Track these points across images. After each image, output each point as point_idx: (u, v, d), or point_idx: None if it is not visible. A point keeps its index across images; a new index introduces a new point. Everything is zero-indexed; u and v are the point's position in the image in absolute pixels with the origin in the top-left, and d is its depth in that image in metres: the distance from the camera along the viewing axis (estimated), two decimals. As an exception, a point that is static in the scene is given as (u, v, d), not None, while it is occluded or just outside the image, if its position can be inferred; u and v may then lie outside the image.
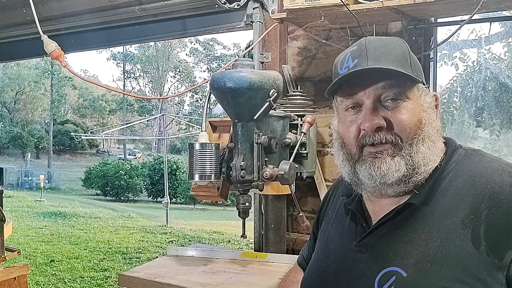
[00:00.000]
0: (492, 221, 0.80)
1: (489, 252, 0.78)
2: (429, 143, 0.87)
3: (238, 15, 2.30)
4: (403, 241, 0.85)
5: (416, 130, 0.87)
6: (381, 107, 0.88)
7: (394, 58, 0.88)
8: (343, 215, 1.04)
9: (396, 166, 0.86)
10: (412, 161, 0.86)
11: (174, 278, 1.60)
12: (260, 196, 2.16)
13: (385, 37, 0.97)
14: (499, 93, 4.93)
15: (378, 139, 0.87)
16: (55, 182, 26.09)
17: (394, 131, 0.87)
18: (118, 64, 38.29)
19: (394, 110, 0.87)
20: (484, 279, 0.77)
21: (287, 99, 1.92)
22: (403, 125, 0.86)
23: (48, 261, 7.05)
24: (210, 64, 36.94)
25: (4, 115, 33.41)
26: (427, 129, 0.88)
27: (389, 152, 0.87)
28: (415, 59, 0.93)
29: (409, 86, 0.88)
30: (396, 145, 0.86)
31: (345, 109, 0.93)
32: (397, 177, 0.86)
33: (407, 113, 0.87)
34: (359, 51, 0.90)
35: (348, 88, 0.91)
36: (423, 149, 0.86)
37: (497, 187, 0.82)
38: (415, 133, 0.87)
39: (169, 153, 21.47)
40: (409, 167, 0.86)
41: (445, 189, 0.87)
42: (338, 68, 0.93)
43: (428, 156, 0.87)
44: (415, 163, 0.86)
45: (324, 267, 1.00)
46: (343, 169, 0.96)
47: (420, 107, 0.89)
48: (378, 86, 0.87)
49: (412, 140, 0.86)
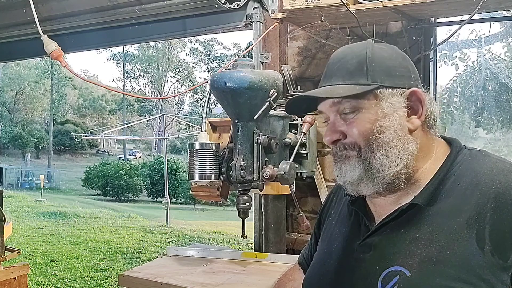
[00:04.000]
0: (497, 221, 0.80)
1: (494, 253, 0.78)
2: (386, 149, 0.89)
3: (238, 15, 2.30)
4: (407, 241, 0.85)
5: (370, 138, 0.90)
6: (341, 121, 0.93)
7: (346, 71, 0.91)
8: (347, 215, 1.04)
9: (352, 167, 0.91)
10: (369, 164, 0.89)
11: (174, 278, 1.60)
12: (260, 196, 2.16)
13: (351, 44, 1.01)
14: (499, 93, 4.93)
15: (339, 148, 0.94)
16: (55, 182, 26.08)
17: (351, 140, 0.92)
18: (118, 64, 38.30)
19: (350, 123, 0.92)
20: (489, 280, 0.77)
21: (287, 99, 1.91)
22: (355, 136, 0.91)
23: (48, 261, 7.05)
24: (210, 64, 36.93)
25: (4, 115, 33.39)
26: (385, 135, 0.89)
27: (347, 155, 0.93)
28: (380, 62, 0.90)
29: (362, 96, 0.89)
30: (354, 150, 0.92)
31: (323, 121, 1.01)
32: (354, 177, 0.91)
33: (360, 123, 0.90)
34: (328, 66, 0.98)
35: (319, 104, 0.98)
36: (379, 156, 0.89)
37: (503, 187, 0.82)
38: (369, 141, 0.90)
39: (169, 153, 21.45)
40: (366, 169, 0.90)
41: (449, 189, 0.87)
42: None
43: (385, 162, 0.88)
44: (373, 167, 0.89)
45: (326, 267, 1.00)
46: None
47: (376, 115, 0.89)
48: (335, 102, 0.92)
49: (369, 147, 0.90)
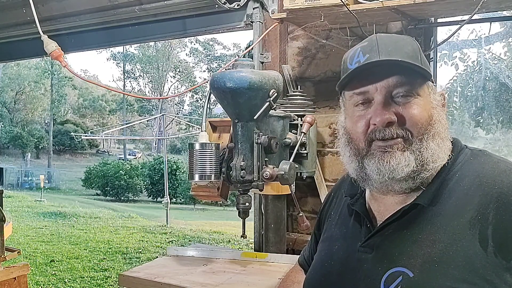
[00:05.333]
0: (500, 222, 0.79)
1: (497, 253, 0.78)
2: (438, 140, 0.87)
3: (238, 15, 2.30)
4: (410, 241, 0.85)
5: (427, 126, 0.86)
6: (392, 103, 0.87)
7: (405, 54, 0.87)
8: (347, 216, 1.03)
9: (406, 161, 0.85)
10: (421, 156, 0.85)
11: (174, 278, 1.60)
12: (260, 196, 2.16)
13: (395, 34, 0.97)
14: (499, 93, 4.93)
15: (389, 134, 0.86)
16: (55, 182, 26.06)
17: (405, 126, 0.86)
18: (118, 64, 38.27)
19: (405, 106, 0.86)
20: (492, 280, 0.77)
21: (287, 99, 1.91)
22: (415, 120, 0.86)
23: (48, 261, 7.05)
24: (210, 64, 36.91)
25: (4, 115, 33.37)
26: (437, 126, 0.88)
27: (399, 147, 0.86)
28: (424, 57, 0.92)
29: (420, 83, 0.88)
30: (407, 140, 0.86)
31: (355, 105, 0.91)
32: (406, 172, 0.85)
33: (418, 108, 0.86)
34: (370, 46, 0.89)
35: (358, 83, 0.90)
36: (432, 146, 0.86)
37: (505, 188, 0.82)
38: (426, 129, 0.86)
39: (169, 153, 21.47)
40: (418, 163, 0.85)
41: (452, 189, 0.86)
42: (348, 63, 0.91)
43: (437, 153, 0.86)
44: (424, 159, 0.85)
45: (328, 268, 0.99)
46: (350, 165, 0.94)
47: (430, 104, 0.89)
48: (390, 82, 0.86)
49: (422, 136, 0.86)
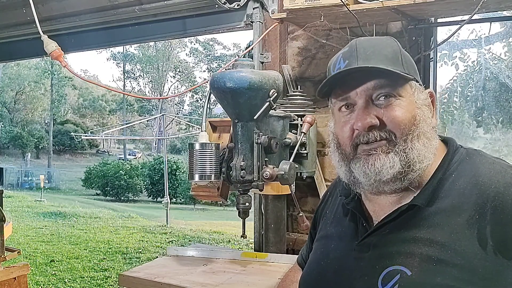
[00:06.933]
0: (498, 221, 0.79)
1: (497, 252, 0.78)
2: (424, 140, 0.87)
3: (238, 15, 2.30)
4: (407, 240, 0.85)
5: (411, 126, 0.86)
6: (373, 106, 0.87)
7: (384, 57, 0.88)
8: (342, 215, 1.04)
9: (391, 163, 0.85)
10: (407, 157, 0.85)
11: (174, 278, 1.60)
12: (260, 196, 2.16)
13: (375, 37, 0.99)
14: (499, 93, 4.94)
15: (372, 137, 0.86)
16: (55, 182, 26.05)
17: (387, 128, 0.86)
18: (118, 64, 38.28)
19: (386, 108, 0.87)
20: (492, 280, 0.77)
21: (287, 99, 1.92)
22: (397, 121, 0.86)
23: (48, 261, 7.04)
24: (210, 64, 36.91)
25: (4, 115, 33.37)
26: (422, 125, 0.87)
27: (383, 149, 0.86)
28: (407, 56, 0.92)
29: (401, 83, 0.88)
30: (391, 141, 0.86)
31: (339, 110, 0.93)
32: (392, 174, 0.85)
33: (400, 109, 0.86)
34: (350, 52, 0.91)
35: (340, 89, 0.91)
36: (418, 146, 0.86)
37: (502, 187, 0.82)
38: (410, 129, 0.86)
39: (169, 153, 21.46)
40: (404, 164, 0.85)
41: (448, 189, 0.87)
42: (331, 70, 0.94)
43: (423, 153, 0.86)
44: (410, 160, 0.85)
45: (324, 266, 1.00)
46: (340, 170, 0.96)
47: (414, 104, 0.88)
48: (369, 86, 0.87)
49: (406, 136, 0.86)
